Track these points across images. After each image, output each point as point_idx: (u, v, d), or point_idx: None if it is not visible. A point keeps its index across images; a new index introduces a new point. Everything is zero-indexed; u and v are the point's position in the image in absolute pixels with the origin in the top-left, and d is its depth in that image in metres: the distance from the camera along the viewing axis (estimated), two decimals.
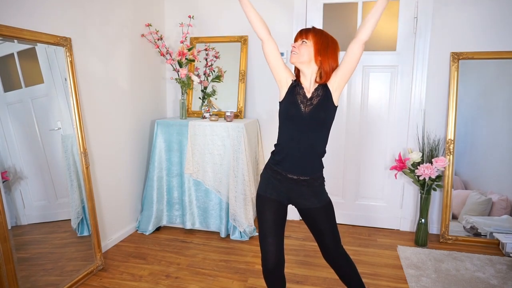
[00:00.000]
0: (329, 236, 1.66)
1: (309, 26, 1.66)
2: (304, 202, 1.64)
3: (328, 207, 1.66)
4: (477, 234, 2.84)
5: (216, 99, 3.22)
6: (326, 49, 1.58)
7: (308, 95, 1.61)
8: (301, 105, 1.59)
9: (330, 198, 1.70)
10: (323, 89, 1.61)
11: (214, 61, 3.16)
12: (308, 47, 1.58)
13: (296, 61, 1.61)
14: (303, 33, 1.61)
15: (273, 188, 1.64)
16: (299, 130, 1.59)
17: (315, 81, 1.63)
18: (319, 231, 1.66)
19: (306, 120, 1.58)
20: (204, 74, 3.17)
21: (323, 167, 1.69)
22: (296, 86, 1.64)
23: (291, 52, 1.62)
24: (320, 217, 1.65)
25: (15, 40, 1.95)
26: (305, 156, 1.60)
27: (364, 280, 2.30)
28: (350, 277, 1.73)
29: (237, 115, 3.21)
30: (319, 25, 3.08)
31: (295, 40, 1.64)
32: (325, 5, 3.07)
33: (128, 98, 2.92)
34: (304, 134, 1.59)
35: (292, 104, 1.61)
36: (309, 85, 1.63)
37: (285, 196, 1.64)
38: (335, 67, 1.61)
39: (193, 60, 3.05)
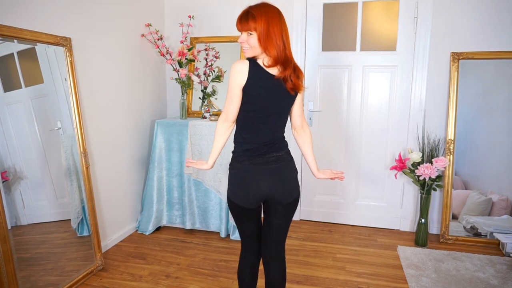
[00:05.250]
0: (277, 235, 1.62)
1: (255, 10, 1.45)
2: (281, 196, 1.55)
3: (294, 204, 1.60)
4: (477, 234, 2.84)
5: (216, 99, 3.22)
6: (268, 37, 1.43)
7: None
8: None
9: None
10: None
11: (214, 61, 3.16)
12: (255, 38, 1.44)
13: (251, 55, 1.48)
14: (243, 24, 1.45)
15: (254, 185, 1.51)
16: (265, 117, 1.52)
17: None
18: (270, 226, 1.62)
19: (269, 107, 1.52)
20: (204, 74, 3.17)
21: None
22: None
23: (243, 48, 1.49)
24: (281, 212, 1.59)
25: (15, 40, 1.95)
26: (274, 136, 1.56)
27: (364, 280, 2.31)
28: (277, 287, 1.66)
29: None
30: (319, 25, 3.08)
31: (239, 30, 1.48)
32: (325, 5, 3.07)
33: (128, 98, 2.92)
34: (268, 119, 1.53)
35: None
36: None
37: (265, 190, 1.53)
38: (282, 46, 1.45)
39: (193, 60, 3.05)
